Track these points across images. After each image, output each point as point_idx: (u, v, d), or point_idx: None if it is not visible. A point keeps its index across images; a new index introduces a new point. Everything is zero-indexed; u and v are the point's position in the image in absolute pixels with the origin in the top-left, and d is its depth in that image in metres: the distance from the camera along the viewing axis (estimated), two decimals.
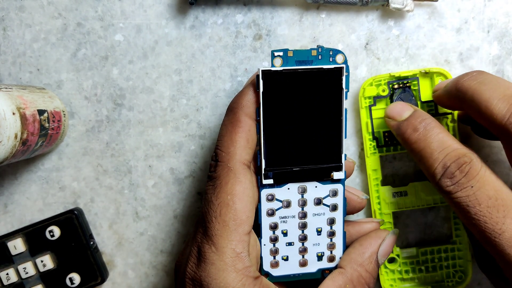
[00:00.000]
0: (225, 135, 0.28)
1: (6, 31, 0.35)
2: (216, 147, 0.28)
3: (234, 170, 0.27)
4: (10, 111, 0.28)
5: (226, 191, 0.26)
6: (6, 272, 0.35)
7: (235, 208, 0.26)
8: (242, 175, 0.27)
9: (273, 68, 0.28)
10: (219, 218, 0.26)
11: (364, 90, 0.34)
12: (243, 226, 0.26)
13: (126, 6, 0.35)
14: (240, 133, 0.27)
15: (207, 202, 0.27)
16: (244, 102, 0.28)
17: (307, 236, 0.30)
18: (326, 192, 0.30)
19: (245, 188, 0.27)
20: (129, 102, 0.36)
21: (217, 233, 0.26)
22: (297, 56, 0.28)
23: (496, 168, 0.36)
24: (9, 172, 0.37)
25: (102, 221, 0.37)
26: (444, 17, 0.35)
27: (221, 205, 0.26)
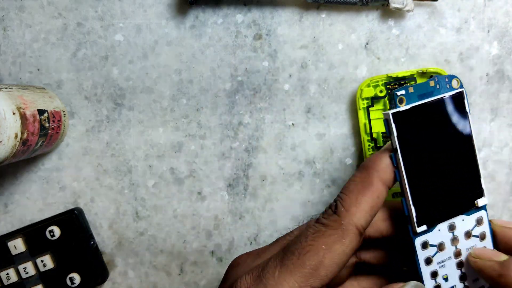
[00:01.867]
0: (352, 192, 0.26)
1: (6, 31, 0.35)
2: (338, 197, 0.27)
3: (345, 230, 0.26)
4: (10, 111, 0.28)
5: (325, 242, 0.25)
6: (6, 272, 0.35)
7: (321, 260, 0.25)
8: (349, 240, 0.26)
9: (401, 109, 0.27)
10: (301, 256, 0.25)
11: (361, 91, 0.34)
12: (316, 279, 0.25)
13: (126, 6, 0.35)
14: (367, 197, 0.26)
15: (302, 236, 0.26)
16: (382, 166, 0.27)
17: (466, 275, 0.29)
18: (473, 223, 0.29)
19: (343, 252, 0.25)
20: (129, 102, 0.36)
21: (290, 266, 0.25)
22: (418, 90, 0.28)
23: (496, 167, 0.36)
24: (10, 172, 0.37)
25: (102, 221, 0.37)
26: (444, 17, 0.35)
27: (311, 248, 0.25)
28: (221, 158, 0.36)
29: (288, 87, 0.36)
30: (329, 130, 0.36)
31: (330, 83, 0.36)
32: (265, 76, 0.36)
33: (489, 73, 0.36)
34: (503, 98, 0.36)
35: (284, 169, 0.37)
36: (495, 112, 0.36)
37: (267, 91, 0.36)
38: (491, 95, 0.36)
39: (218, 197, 0.37)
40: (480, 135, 0.36)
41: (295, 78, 0.36)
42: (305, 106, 0.36)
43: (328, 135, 0.36)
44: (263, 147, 0.36)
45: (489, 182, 0.37)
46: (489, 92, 0.36)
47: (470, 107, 0.35)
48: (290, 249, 0.26)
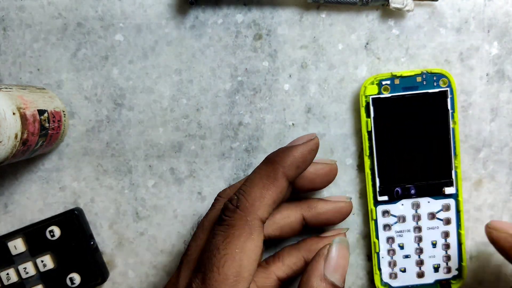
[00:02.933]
0: (256, 186, 0.27)
1: (6, 31, 0.35)
2: (239, 192, 0.27)
3: (251, 226, 0.26)
4: (10, 111, 0.28)
5: (237, 244, 0.25)
6: (7, 272, 0.35)
7: (240, 264, 0.25)
8: (257, 234, 0.26)
9: (382, 96, 0.32)
10: (221, 270, 0.25)
11: (365, 89, 0.34)
12: (243, 283, 0.25)
13: (126, 6, 0.35)
14: (272, 192, 0.27)
15: (213, 248, 0.26)
16: (289, 162, 0.27)
17: (423, 249, 0.33)
18: (439, 207, 0.33)
19: (255, 247, 0.26)
20: (129, 102, 0.36)
21: (216, 284, 0.25)
22: (404, 83, 0.32)
23: (496, 167, 0.36)
24: (10, 172, 0.37)
25: (102, 221, 0.37)
26: (444, 17, 0.35)
27: (227, 257, 0.25)
28: (221, 158, 0.36)
29: (288, 87, 0.36)
30: (329, 130, 0.36)
31: (330, 83, 0.36)
32: (265, 76, 0.36)
33: (489, 73, 0.36)
34: (503, 98, 0.36)
35: None
36: (495, 112, 0.36)
37: (267, 91, 0.36)
38: (491, 95, 0.36)
39: None
40: (480, 135, 0.36)
41: (295, 78, 0.36)
42: (305, 106, 0.36)
43: (328, 135, 0.36)
44: (263, 147, 0.36)
45: (489, 182, 0.37)
46: (489, 92, 0.36)
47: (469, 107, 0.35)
48: (207, 266, 0.25)
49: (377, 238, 0.33)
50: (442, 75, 0.31)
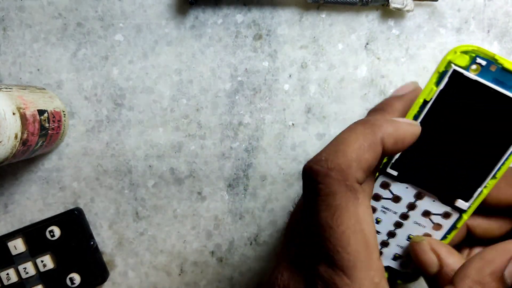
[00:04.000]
0: (351, 146, 0.22)
1: (6, 31, 0.35)
2: (329, 152, 0.23)
3: (354, 189, 0.22)
4: (10, 111, 0.28)
5: (349, 215, 0.22)
6: (7, 272, 0.35)
7: (364, 234, 0.22)
8: (363, 196, 0.22)
9: (467, 74, 0.25)
10: (349, 248, 0.21)
11: (455, 55, 0.26)
12: (375, 252, 0.22)
13: (126, 6, 0.35)
14: (368, 156, 0.23)
15: (325, 227, 0.22)
16: (389, 131, 0.23)
17: (396, 235, 0.29)
18: (440, 211, 0.28)
19: (367, 208, 0.23)
20: (129, 102, 0.36)
21: (350, 264, 0.21)
22: (499, 75, 0.25)
23: None
24: (9, 172, 0.37)
25: (102, 221, 0.37)
26: (444, 17, 0.35)
27: (348, 232, 0.22)
28: (221, 158, 0.36)
29: (288, 87, 0.36)
30: (329, 130, 0.36)
31: (330, 83, 0.36)
32: (265, 76, 0.36)
33: None
34: None
35: (284, 169, 0.37)
36: None
37: (267, 91, 0.36)
38: None
39: (218, 197, 0.37)
40: None
41: (295, 78, 0.36)
42: (305, 106, 0.36)
43: (328, 135, 0.36)
44: (263, 147, 0.36)
45: None
46: None
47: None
48: (329, 250, 0.22)
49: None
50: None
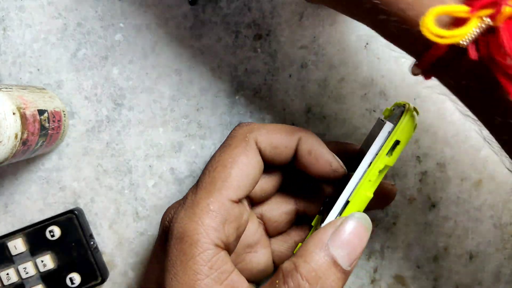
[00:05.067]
0: (266, 126, 0.28)
1: (6, 31, 0.35)
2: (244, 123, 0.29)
3: (249, 143, 0.27)
4: (10, 111, 0.28)
5: (231, 154, 0.27)
6: (7, 272, 0.35)
7: (230, 171, 0.26)
8: (252, 152, 0.27)
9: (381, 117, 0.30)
10: (211, 173, 0.26)
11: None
12: (229, 190, 0.26)
13: (126, 6, 0.35)
14: (273, 133, 0.28)
15: (211, 158, 0.27)
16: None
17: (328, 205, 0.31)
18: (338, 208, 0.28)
19: (249, 163, 0.27)
20: (129, 102, 0.36)
21: (203, 185, 0.26)
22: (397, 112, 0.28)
23: (496, 167, 0.36)
24: (9, 172, 0.37)
25: (102, 221, 0.37)
26: None
27: (219, 163, 0.26)
28: None
29: (288, 87, 0.36)
30: (329, 130, 0.36)
31: (330, 83, 0.36)
32: (265, 76, 0.36)
33: None
34: None
35: None
36: None
37: (267, 91, 0.36)
38: None
39: None
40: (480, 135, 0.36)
41: (295, 78, 0.36)
42: (305, 106, 0.36)
43: (328, 135, 0.36)
44: None
45: (489, 182, 0.37)
46: None
47: None
48: (203, 171, 0.27)
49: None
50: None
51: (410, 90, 0.36)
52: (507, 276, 0.37)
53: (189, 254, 0.24)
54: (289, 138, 0.28)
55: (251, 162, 0.27)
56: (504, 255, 0.37)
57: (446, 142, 0.36)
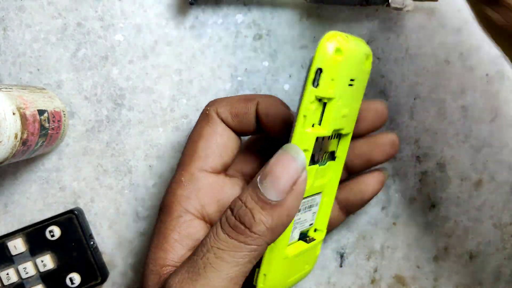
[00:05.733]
0: (226, 98, 0.30)
1: (6, 31, 0.35)
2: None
3: (210, 115, 0.29)
4: (10, 111, 0.28)
5: (197, 129, 0.29)
6: (6, 272, 0.35)
7: (197, 145, 0.28)
8: (213, 122, 0.28)
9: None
10: (184, 150, 0.29)
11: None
12: (198, 161, 0.28)
13: (126, 6, 0.35)
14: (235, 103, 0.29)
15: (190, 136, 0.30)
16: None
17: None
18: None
19: (214, 132, 0.28)
20: (129, 102, 0.36)
21: (179, 162, 0.29)
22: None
23: (496, 167, 0.36)
24: (9, 172, 0.37)
25: (102, 221, 0.37)
26: (444, 17, 0.35)
27: (189, 140, 0.29)
28: None
29: (288, 87, 0.36)
30: None
31: None
32: (265, 76, 0.36)
33: (489, 73, 0.36)
34: (503, 98, 0.36)
35: None
36: (495, 112, 0.36)
37: (267, 91, 0.36)
38: (491, 95, 0.36)
39: None
40: (480, 135, 0.36)
41: (295, 78, 0.36)
42: None
43: None
44: None
45: (489, 182, 0.37)
46: (489, 92, 0.36)
47: (469, 107, 0.35)
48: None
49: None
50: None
51: (410, 90, 0.36)
52: (507, 276, 0.37)
53: (164, 222, 0.27)
54: (247, 105, 0.29)
55: (216, 132, 0.28)
56: (504, 255, 0.37)
57: (446, 142, 0.36)
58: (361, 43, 0.27)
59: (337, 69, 0.25)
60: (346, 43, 0.25)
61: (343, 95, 0.26)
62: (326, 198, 0.30)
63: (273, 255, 0.26)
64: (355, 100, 0.28)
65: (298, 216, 0.28)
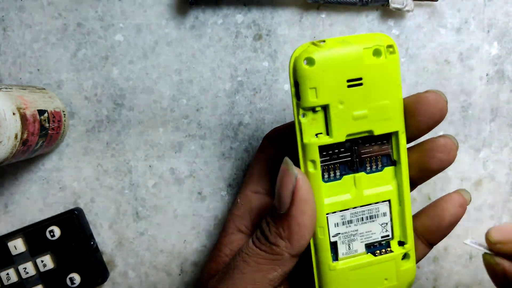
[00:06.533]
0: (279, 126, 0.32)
1: (6, 31, 0.35)
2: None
3: (262, 142, 0.31)
4: (10, 111, 0.28)
5: (254, 155, 0.32)
6: (7, 272, 0.35)
7: (252, 169, 0.31)
8: (265, 147, 0.30)
9: None
10: (245, 175, 0.32)
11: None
12: (251, 184, 0.30)
13: (126, 6, 0.35)
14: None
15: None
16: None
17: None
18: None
19: (266, 156, 0.30)
20: (129, 102, 0.36)
21: (241, 185, 0.32)
22: None
23: (496, 167, 0.36)
24: (10, 172, 0.37)
25: (102, 221, 0.37)
26: (444, 17, 0.35)
27: (249, 166, 0.33)
28: (221, 158, 0.36)
29: (288, 87, 0.36)
30: None
31: None
32: (265, 76, 0.36)
33: (489, 73, 0.36)
34: (503, 98, 0.36)
35: None
36: (495, 112, 0.36)
37: (267, 91, 0.36)
38: (491, 95, 0.36)
39: (218, 197, 0.37)
40: (480, 135, 0.36)
41: None
42: None
43: None
44: None
45: (489, 182, 0.37)
46: (489, 92, 0.36)
47: (469, 107, 0.35)
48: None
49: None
50: None
51: (410, 91, 0.36)
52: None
53: (220, 237, 0.30)
54: (289, 123, 0.31)
55: (265, 155, 0.30)
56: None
57: None
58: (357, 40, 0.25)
59: (314, 78, 0.24)
60: (318, 51, 0.24)
61: (345, 98, 0.25)
62: (398, 207, 0.27)
63: (320, 267, 0.27)
64: (377, 98, 0.26)
65: (353, 227, 0.27)
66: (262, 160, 0.30)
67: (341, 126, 0.25)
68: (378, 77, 0.26)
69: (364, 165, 0.27)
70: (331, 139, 0.25)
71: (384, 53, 0.25)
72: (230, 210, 0.31)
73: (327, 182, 0.26)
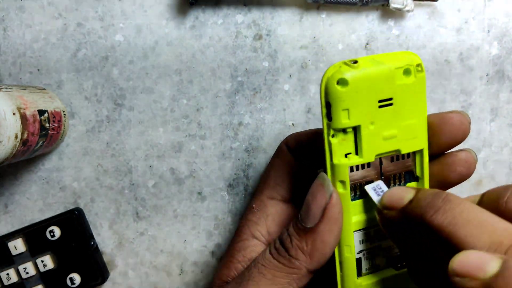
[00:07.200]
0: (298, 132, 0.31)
1: (6, 31, 0.35)
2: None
3: (281, 147, 0.30)
4: (10, 111, 0.28)
5: (270, 161, 0.31)
6: (7, 272, 0.35)
7: (268, 175, 0.30)
8: (283, 153, 0.30)
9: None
10: (260, 180, 0.31)
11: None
12: (267, 190, 0.29)
13: (126, 6, 0.35)
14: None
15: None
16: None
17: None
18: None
19: (282, 162, 0.30)
20: (129, 102, 0.36)
21: (255, 191, 0.31)
22: None
23: (496, 167, 0.36)
24: (10, 172, 0.37)
25: (103, 221, 0.37)
26: (444, 17, 0.35)
27: (264, 172, 0.31)
28: (221, 158, 0.36)
29: (288, 88, 0.36)
30: None
31: None
32: (265, 76, 0.36)
33: (489, 73, 0.36)
34: (503, 98, 0.36)
35: None
36: (495, 112, 0.36)
37: (267, 91, 0.36)
38: (491, 95, 0.36)
39: (218, 197, 0.37)
40: (480, 135, 0.36)
41: (295, 78, 0.36)
42: (305, 106, 0.36)
43: None
44: (263, 147, 0.36)
45: (489, 182, 0.37)
46: (489, 92, 0.36)
47: (469, 107, 0.35)
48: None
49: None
50: None
51: None
52: None
53: (233, 242, 0.29)
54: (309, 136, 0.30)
55: (285, 163, 0.30)
56: None
57: None
58: (388, 59, 0.25)
59: (347, 100, 0.24)
60: (351, 71, 0.24)
61: (376, 118, 0.25)
62: None
63: (345, 285, 0.27)
64: (406, 117, 0.26)
65: (376, 243, 0.27)
66: (279, 166, 0.30)
67: (371, 146, 0.25)
68: (407, 96, 0.26)
69: (388, 182, 0.27)
70: (361, 159, 0.25)
71: (414, 72, 0.26)
72: (244, 215, 0.30)
73: (353, 200, 0.26)
